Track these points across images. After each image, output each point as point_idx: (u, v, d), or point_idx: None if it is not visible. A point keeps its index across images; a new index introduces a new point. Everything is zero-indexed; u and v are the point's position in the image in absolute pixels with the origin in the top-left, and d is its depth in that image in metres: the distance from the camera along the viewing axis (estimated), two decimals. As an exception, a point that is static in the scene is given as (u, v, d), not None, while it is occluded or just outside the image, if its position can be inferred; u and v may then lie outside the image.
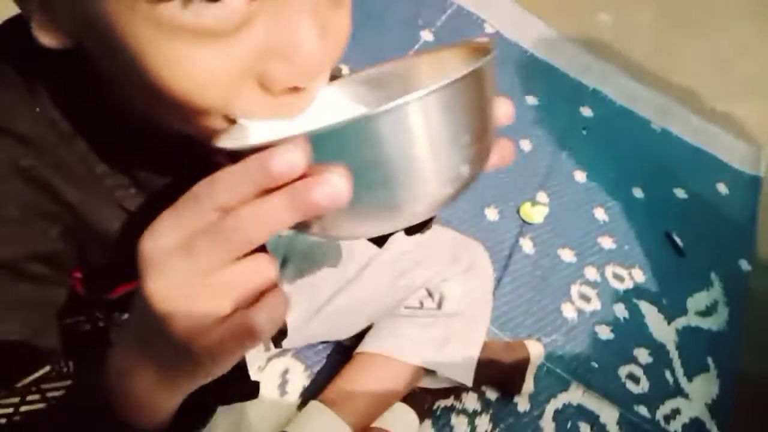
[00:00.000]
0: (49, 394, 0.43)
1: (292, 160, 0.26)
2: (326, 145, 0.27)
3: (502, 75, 1.54)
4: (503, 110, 0.34)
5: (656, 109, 1.64)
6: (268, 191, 0.27)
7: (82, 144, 0.39)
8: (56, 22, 0.33)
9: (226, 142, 0.34)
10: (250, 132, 0.34)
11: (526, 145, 1.41)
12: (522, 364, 0.96)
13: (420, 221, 0.32)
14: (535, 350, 0.98)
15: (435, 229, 0.94)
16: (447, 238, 0.92)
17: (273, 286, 0.30)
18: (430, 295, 0.87)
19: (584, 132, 1.50)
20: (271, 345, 0.83)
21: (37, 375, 0.43)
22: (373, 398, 0.83)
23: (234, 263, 0.28)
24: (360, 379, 0.84)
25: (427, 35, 1.55)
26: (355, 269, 0.87)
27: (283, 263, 0.86)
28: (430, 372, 0.85)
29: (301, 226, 0.31)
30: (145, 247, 0.29)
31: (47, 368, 0.44)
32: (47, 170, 0.38)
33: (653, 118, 1.61)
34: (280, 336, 0.75)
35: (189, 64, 0.30)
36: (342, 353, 0.91)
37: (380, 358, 0.84)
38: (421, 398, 0.88)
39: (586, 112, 1.56)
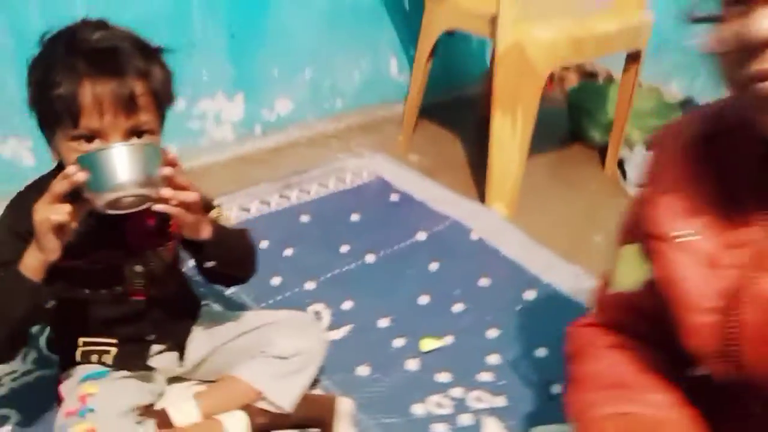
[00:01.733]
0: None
1: (73, 169, 1.04)
2: (86, 162, 1.06)
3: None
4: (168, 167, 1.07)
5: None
6: None
7: None
8: (51, 148, 1.18)
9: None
10: None
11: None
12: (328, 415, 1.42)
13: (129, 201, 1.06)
14: (344, 406, 1.43)
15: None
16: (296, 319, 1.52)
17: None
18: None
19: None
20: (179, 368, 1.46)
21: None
22: (222, 399, 1.39)
23: (53, 204, 1.06)
24: (220, 387, 1.42)
25: (421, 235, 2.19)
26: (248, 325, 1.48)
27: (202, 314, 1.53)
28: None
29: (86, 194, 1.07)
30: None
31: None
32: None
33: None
34: (180, 350, 1.42)
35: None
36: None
37: (234, 378, 1.42)
38: (256, 411, 1.40)
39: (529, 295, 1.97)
